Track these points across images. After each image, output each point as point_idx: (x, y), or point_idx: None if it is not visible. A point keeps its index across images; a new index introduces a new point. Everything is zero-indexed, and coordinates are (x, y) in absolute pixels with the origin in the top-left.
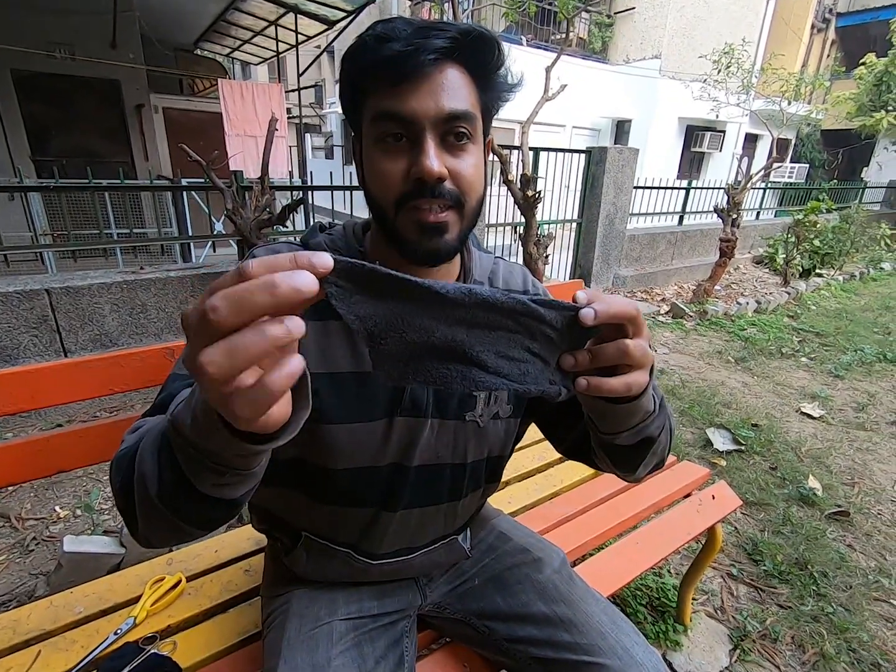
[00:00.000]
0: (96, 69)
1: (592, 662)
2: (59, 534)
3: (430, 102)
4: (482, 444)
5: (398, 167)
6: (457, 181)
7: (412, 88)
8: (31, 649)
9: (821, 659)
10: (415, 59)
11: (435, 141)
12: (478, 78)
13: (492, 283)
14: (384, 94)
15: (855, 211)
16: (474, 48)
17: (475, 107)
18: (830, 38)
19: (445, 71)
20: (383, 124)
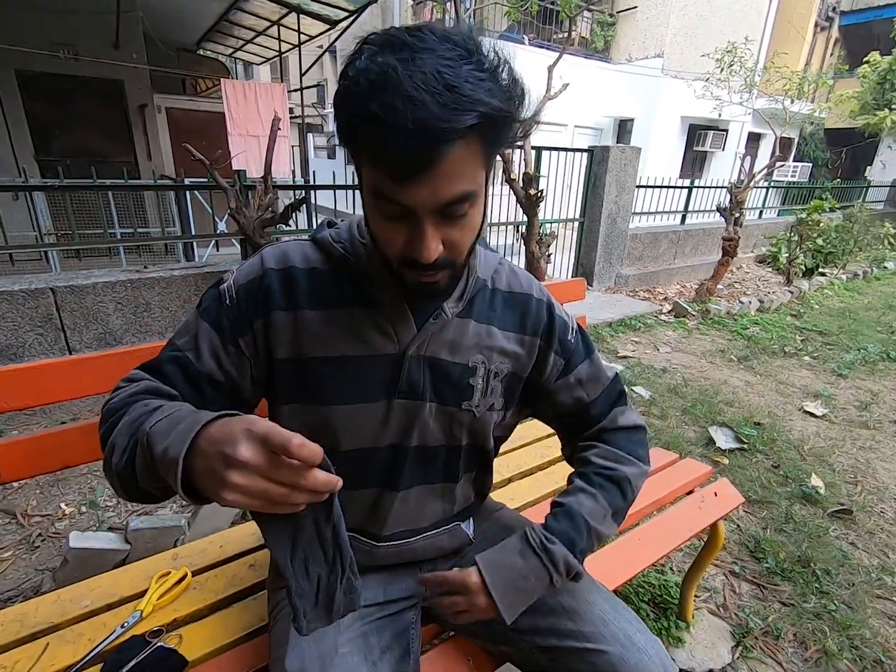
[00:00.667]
0: (99, 69)
1: (595, 649)
2: (64, 530)
3: (428, 195)
4: (476, 432)
5: (396, 236)
6: (450, 250)
7: (414, 181)
8: (39, 642)
9: (823, 656)
10: (417, 160)
11: (432, 224)
12: (490, 140)
13: (494, 283)
14: (383, 174)
15: (858, 210)
16: (488, 125)
17: (480, 173)
18: (834, 37)
19: (450, 156)
20: (383, 204)
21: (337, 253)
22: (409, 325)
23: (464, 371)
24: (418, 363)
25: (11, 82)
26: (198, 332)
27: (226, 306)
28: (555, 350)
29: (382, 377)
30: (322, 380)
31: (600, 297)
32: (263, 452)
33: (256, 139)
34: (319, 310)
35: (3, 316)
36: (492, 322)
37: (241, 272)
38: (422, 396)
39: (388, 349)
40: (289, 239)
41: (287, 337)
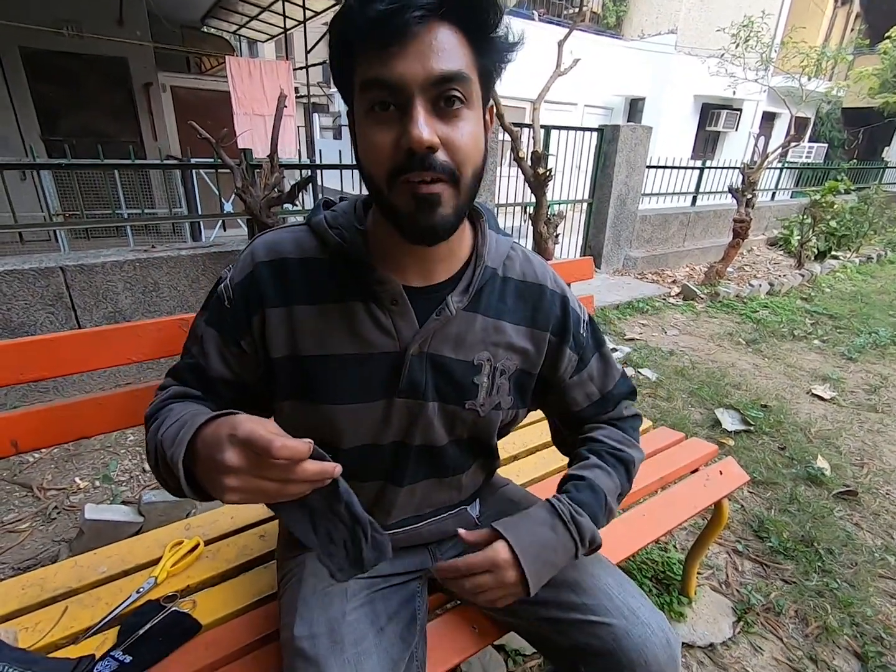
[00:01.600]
0: (104, 47)
1: (599, 622)
2: (79, 503)
3: (417, 65)
4: (481, 429)
5: (388, 138)
6: (450, 151)
7: (399, 51)
8: (59, 605)
9: (824, 632)
10: (399, 17)
11: (425, 107)
12: (473, 38)
13: (505, 271)
14: (371, 60)
15: (874, 192)
16: (466, 5)
17: (470, 68)
18: (855, 11)
19: (435, 30)
20: (371, 93)
21: (332, 240)
22: (411, 320)
23: (468, 369)
24: (420, 362)
25: (16, 60)
26: (203, 337)
27: (226, 308)
28: (569, 346)
29: (382, 376)
30: (319, 379)
31: (608, 280)
32: (248, 456)
33: (262, 118)
34: (314, 304)
35: (15, 295)
36: (501, 316)
37: (236, 269)
38: (423, 396)
39: (388, 347)
40: (288, 224)
41: (282, 334)
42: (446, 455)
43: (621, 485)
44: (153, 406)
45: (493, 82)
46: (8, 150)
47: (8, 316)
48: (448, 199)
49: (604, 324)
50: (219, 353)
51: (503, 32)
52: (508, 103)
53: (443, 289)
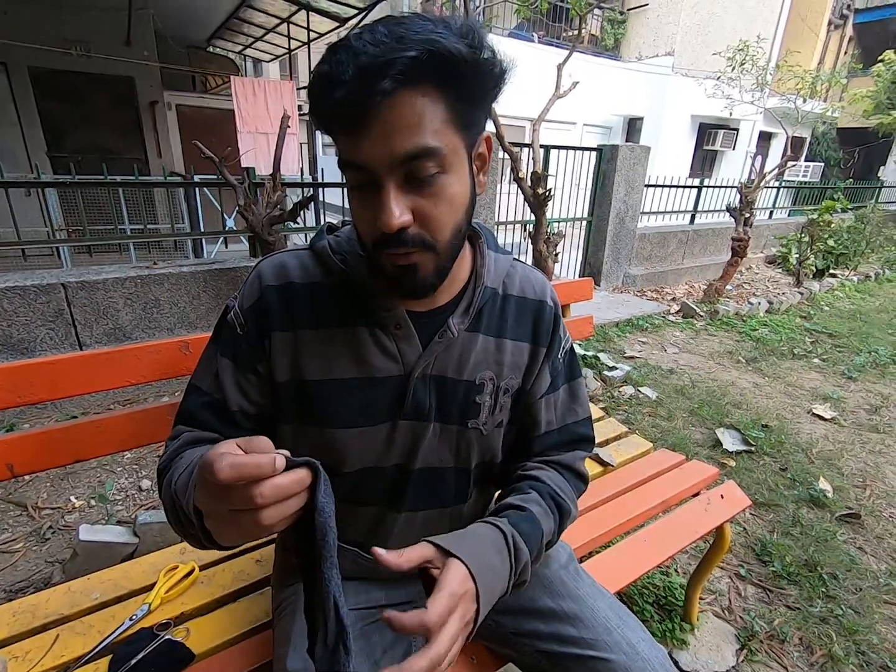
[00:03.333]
0: (111, 66)
1: (597, 657)
2: (74, 523)
3: (381, 147)
4: (484, 450)
5: (369, 214)
6: (423, 224)
7: (364, 133)
8: (50, 633)
9: (829, 660)
10: (361, 106)
11: (396, 186)
12: (452, 91)
13: (505, 289)
14: (341, 141)
15: (871, 210)
16: (438, 65)
17: (447, 132)
18: (848, 35)
19: (400, 105)
20: (349, 173)
21: (336, 267)
22: (415, 344)
23: (469, 388)
24: (424, 384)
25: (24, 79)
26: (219, 369)
27: (239, 335)
28: (549, 364)
29: (386, 400)
30: (323, 404)
31: (608, 297)
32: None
33: (265, 136)
34: (319, 329)
35: (16, 311)
36: (503, 334)
37: (244, 295)
38: (427, 417)
39: (393, 371)
40: (291, 248)
41: (286, 359)
42: (448, 480)
43: (553, 532)
44: (165, 458)
45: (485, 114)
46: (14, 166)
47: (8, 332)
48: (426, 264)
49: (603, 341)
50: (235, 383)
51: (487, 72)
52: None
53: (444, 311)
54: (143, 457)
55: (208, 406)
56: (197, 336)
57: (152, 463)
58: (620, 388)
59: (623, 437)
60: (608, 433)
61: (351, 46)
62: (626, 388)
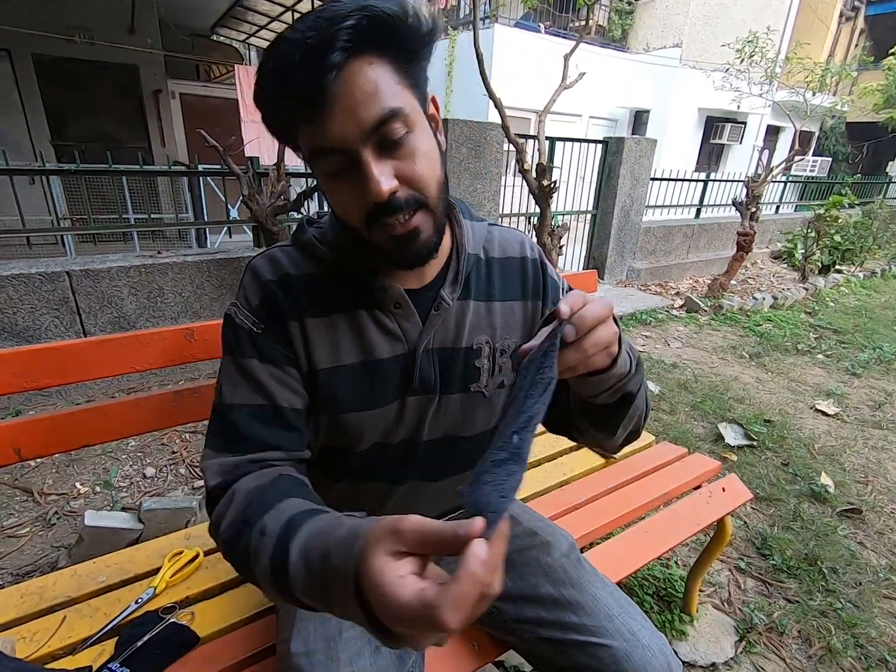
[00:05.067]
0: (115, 54)
1: (599, 643)
2: (79, 509)
3: (350, 122)
4: (489, 415)
5: (354, 194)
6: (410, 183)
7: (328, 114)
8: (57, 615)
9: (827, 653)
10: (317, 86)
11: (374, 156)
12: (393, 53)
13: (487, 254)
14: (306, 129)
15: (878, 206)
16: (377, 29)
17: (402, 92)
18: (859, 27)
19: (354, 77)
20: (323, 160)
21: (327, 256)
22: (415, 320)
23: (468, 354)
24: (428, 358)
25: (28, 66)
26: (251, 373)
27: (258, 335)
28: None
29: (394, 379)
30: (333, 390)
31: (611, 291)
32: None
33: None
34: (322, 317)
35: (21, 299)
36: (492, 297)
37: (247, 296)
38: (433, 390)
39: (398, 350)
40: (278, 246)
41: (301, 349)
42: (454, 449)
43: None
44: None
45: (424, 73)
46: (18, 154)
47: (13, 320)
48: (426, 225)
49: None
50: (276, 379)
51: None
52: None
53: (435, 285)
54: (148, 444)
55: (254, 417)
56: (201, 324)
57: (157, 451)
58: None
59: None
60: None
61: (290, 38)
62: None
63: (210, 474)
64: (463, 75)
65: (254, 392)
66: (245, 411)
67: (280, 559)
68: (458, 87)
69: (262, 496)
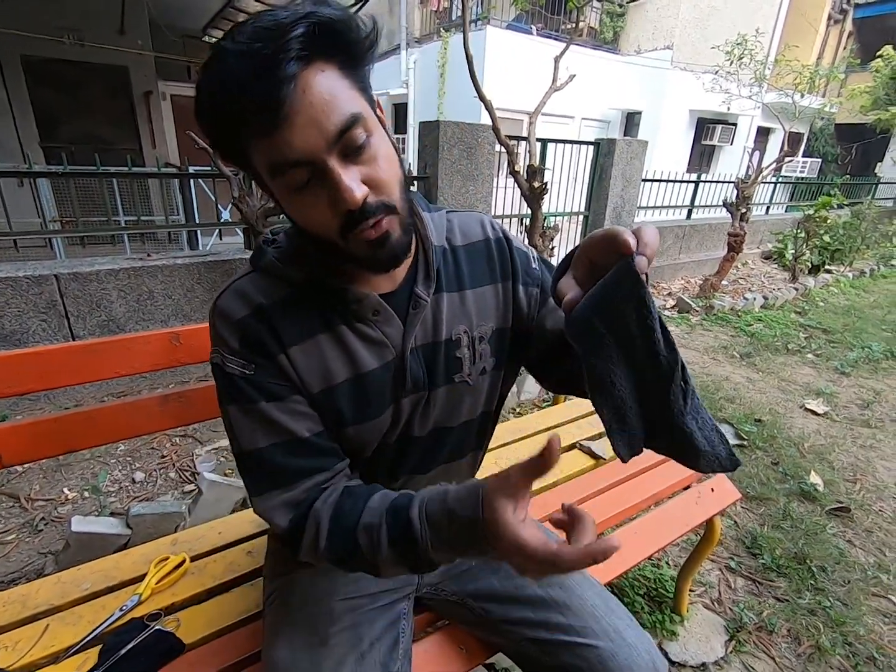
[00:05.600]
0: (105, 55)
1: (585, 644)
2: (66, 514)
3: (314, 132)
4: (474, 402)
5: (323, 205)
6: (377, 188)
7: (288, 127)
8: (40, 623)
9: (816, 651)
10: (274, 98)
11: (340, 164)
12: (341, 59)
13: (450, 243)
14: (261, 145)
15: (867, 207)
16: (325, 36)
17: (357, 97)
18: (847, 30)
19: (309, 86)
20: (285, 176)
21: (297, 276)
22: (396, 324)
23: (448, 346)
24: (415, 358)
25: (17, 68)
26: (264, 416)
27: (251, 377)
28: (522, 283)
29: (388, 385)
30: (331, 410)
31: None
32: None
33: None
34: (306, 342)
35: (8, 302)
36: (462, 286)
37: (225, 342)
38: (423, 386)
39: (386, 357)
40: (246, 275)
41: (292, 378)
42: (442, 441)
43: None
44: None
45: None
46: (6, 156)
47: (0, 323)
48: (395, 226)
49: None
50: (289, 413)
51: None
52: (505, 115)
53: (407, 284)
54: (137, 448)
55: (287, 452)
56: (188, 327)
57: (146, 455)
58: None
59: None
60: (600, 427)
61: (235, 50)
62: None
63: (277, 516)
64: (455, 77)
65: (274, 431)
66: (276, 450)
67: (404, 534)
68: (451, 89)
69: (343, 507)
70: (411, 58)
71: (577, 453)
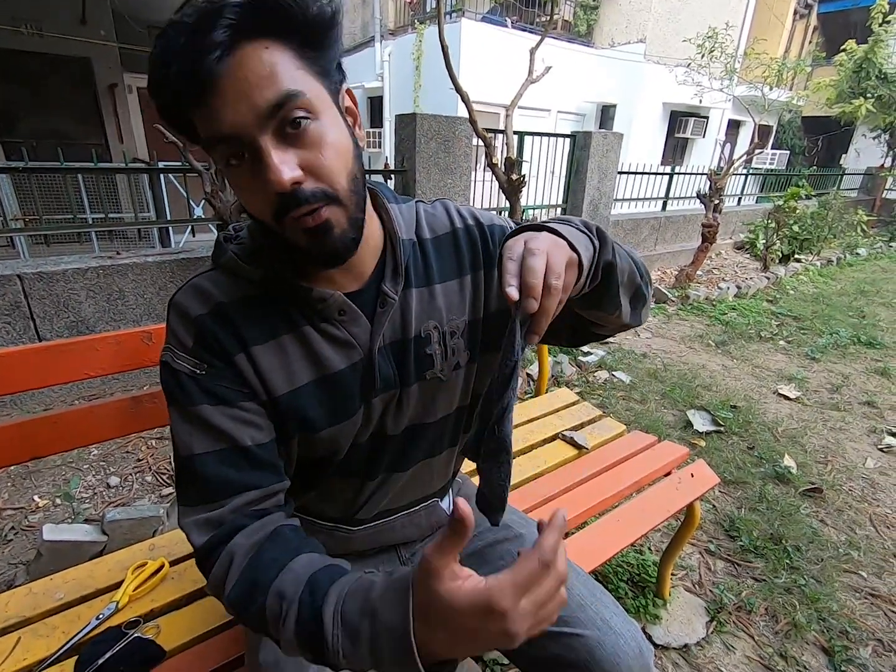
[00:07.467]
0: (66, 46)
1: (572, 633)
2: (38, 523)
3: (243, 106)
4: (450, 398)
5: (256, 185)
6: (317, 175)
7: (220, 96)
8: (11, 636)
9: (793, 628)
10: (203, 65)
11: (273, 141)
12: (294, 38)
13: (420, 236)
14: (199, 117)
15: (833, 197)
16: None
17: (304, 78)
18: (812, 24)
19: (247, 59)
20: (218, 149)
21: (257, 275)
22: (363, 323)
23: (418, 343)
24: (384, 357)
25: None
26: (205, 420)
27: (201, 376)
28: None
29: (356, 386)
30: (298, 413)
31: None
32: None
33: None
34: (269, 342)
35: None
36: (431, 281)
37: (179, 340)
38: (394, 384)
39: (354, 357)
40: (204, 273)
41: (251, 381)
42: (418, 438)
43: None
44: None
45: (335, 62)
46: None
47: None
48: (338, 218)
49: None
50: (232, 419)
51: (313, 9)
52: (482, 108)
53: (374, 280)
54: (111, 452)
55: (221, 462)
56: (161, 326)
57: (121, 459)
58: (595, 372)
59: (597, 421)
60: (582, 417)
61: (175, 21)
62: (601, 372)
63: (193, 533)
64: (431, 70)
65: (213, 438)
66: (209, 459)
67: (312, 628)
68: (427, 82)
69: (264, 554)
70: (386, 50)
71: (560, 443)
